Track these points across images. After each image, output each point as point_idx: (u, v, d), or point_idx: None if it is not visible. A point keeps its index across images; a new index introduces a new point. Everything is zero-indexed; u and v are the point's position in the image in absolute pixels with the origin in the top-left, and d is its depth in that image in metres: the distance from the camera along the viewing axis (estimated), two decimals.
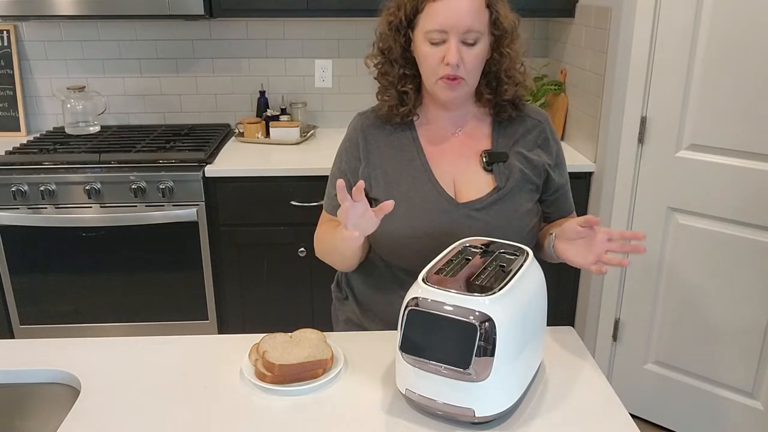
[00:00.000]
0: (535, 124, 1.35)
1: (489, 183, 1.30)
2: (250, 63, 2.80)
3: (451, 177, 1.31)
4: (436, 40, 1.20)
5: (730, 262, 2.03)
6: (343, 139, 1.41)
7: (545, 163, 1.33)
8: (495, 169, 1.30)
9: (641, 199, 2.18)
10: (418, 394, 0.99)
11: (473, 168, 1.31)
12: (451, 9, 1.18)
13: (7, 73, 2.72)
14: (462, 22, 1.18)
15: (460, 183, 1.31)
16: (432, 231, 1.27)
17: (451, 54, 1.19)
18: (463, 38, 1.20)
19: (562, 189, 1.38)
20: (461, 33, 1.19)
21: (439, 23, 1.19)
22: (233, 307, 2.49)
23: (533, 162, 1.32)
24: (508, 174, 1.30)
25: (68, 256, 2.35)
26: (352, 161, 1.35)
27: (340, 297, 1.50)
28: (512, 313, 0.95)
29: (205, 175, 2.30)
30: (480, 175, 1.31)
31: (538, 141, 1.34)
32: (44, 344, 1.22)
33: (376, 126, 1.35)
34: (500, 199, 1.28)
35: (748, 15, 1.83)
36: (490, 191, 1.29)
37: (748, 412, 2.09)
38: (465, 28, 1.19)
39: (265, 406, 1.05)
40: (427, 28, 1.21)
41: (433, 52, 1.21)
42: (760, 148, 1.90)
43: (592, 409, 1.04)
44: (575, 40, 2.49)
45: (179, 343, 1.24)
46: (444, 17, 1.18)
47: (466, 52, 1.21)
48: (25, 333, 2.44)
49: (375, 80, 1.36)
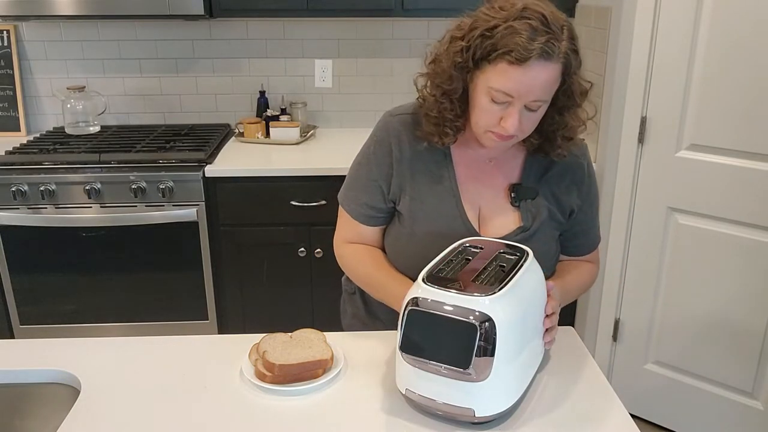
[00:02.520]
0: (573, 161, 1.27)
1: (515, 220, 1.24)
2: (250, 63, 2.80)
3: (477, 206, 1.26)
4: (500, 100, 1.09)
5: (730, 262, 2.03)
6: (370, 138, 1.30)
7: (574, 203, 1.28)
8: (522, 206, 1.24)
9: (641, 199, 2.18)
10: (418, 394, 0.99)
11: (500, 201, 1.25)
12: (527, 79, 1.05)
13: (7, 73, 2.72)
14: (532, 92, 1.07)
15: (486, 215, 1.26)
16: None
17: (510, 122, 1.09)
18: (527, 105, 1.10)
19: (583, 225, 1.32)
20: (528, 101, 1.09)
21: (508, 88, 1.07)
22: (233, 307, 2.49)
23: (561, 202, 1.26)
24: (535, 213, 1.24)
25: (68, 256, 2.35)
26: (384, 167, 1.27)
27: (349, 291, 1.48)
28: (512, 313, 0.95)
29: (205, 175, 2.30)
30: (507, 209, 1.25)
31: (573, 177, 1.27)
32: (44, 344, 1.22)
33: (409, 132, 1.25)
34: (524, 240, 1.22)
35: (748, 15, 1.83)
36: (515, 230, 1.24)
37: (748, 412, 2.09)
38: (534, 98, 1.08)
39: (265, 406, 1.05)
40: (494, 85, 1.08)
41: (493, 110, 1.11)
42: (760, 148, 1.90)
43: (592, 409, 1.04)
44: None
45: (179, 343, 1.24)
46: (516, 85, 1.06)
47: (525, 117, 1.11)
48: (25, 333, 2.44)
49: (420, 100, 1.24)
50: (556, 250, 1.32)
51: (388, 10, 2.44)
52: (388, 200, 1.28)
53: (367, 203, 1.29)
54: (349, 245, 1.34)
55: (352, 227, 1.33)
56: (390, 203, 1.28)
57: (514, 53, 1.04)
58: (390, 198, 1.28)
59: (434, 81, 1.18)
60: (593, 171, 1.33)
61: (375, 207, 1.29)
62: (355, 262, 1.33)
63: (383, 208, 1.29)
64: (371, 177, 1.28)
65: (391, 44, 2.78)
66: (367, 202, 1.29)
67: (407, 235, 1.27)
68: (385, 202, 1.28)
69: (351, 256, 1.33)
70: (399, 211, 1.28)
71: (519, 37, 1.04)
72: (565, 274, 1.31)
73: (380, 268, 1.29)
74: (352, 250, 1.33)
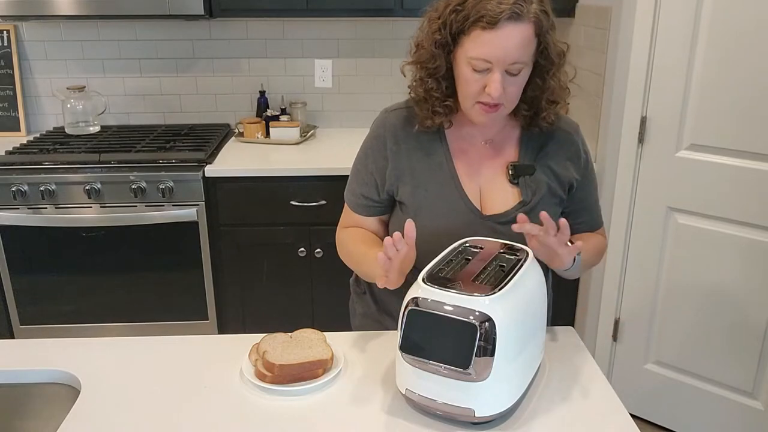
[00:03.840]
0: (566, 137, 1.32)
1: (515, 196, 1.28)
2: (250, 63, 2.80)
3: (477, 186, 1.29)
4: (480, 68, 1.15)
5: (730, 262, 2.03)
6: (368, 135, 1.36)
7: (573, 177, 1.31)
8: (521, 182, 1.28)
9: (641, 199, 2.18)
10: (418, 394, 0.99)
11: (499, 179, 1.29)
12: (500, 41, 1.11)
13: (7, 73, 2.72)
14: (509, 56, 1.12)
15: (486, 194, 1.29)
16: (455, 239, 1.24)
17: (494, 87, 1.14)
18: (508, 69, 1.14)
19: (585, 202, 1.36)
20: (507, 65, 1.13)
21: (485, 54, 1.13)
22: (233, 307, 2.49)
23: (560, 176, 1.30)
24: (535, 188, 1.27)
25: (68, 256, 2.35)
26: (379, 160, 1.32)
27: (359, 292, 1.51)
28: (512, 313, 0.95)
29: (205, 175, 2.30)
30: (506, 187, 1.29)
31: (568, 154, 1.31)
32: (44, 344, 1.22)
33: (405, 125, 1.31)
34: (526, 213, 1.23)
35: (748, 15, 1.83)
36: (516, 205, 1.27)
37: (748, 412, 2.09)
38: (512, 60, 1.13)
39: (265, 406, 1.05)
40: (472, 54, 1.14)
41: (475, 79, 1.16)
42: (760, 148, 1.90)
43: (592, 409, 1.04)
44: (575, 40, 2.49)
45: (179, 343, 1.24)
46: (491, 49, 1.12)
47: (508, 82, 1.15)
48: (25, 333, 2.44)
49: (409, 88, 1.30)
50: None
51: (388, 10, 2.44)
52: (382, 191, 1.33)
53: (362, 194, 1.35)
54: (346, 229, 1.40)
55: (350, 216, 1.40)
56: (385, 194, 1.33)
57: (485, 18, 1.10)
58: (386, 189, 1.32)
59: (419, 65, 1.25)
60: (588, 149, 1.36)
61: (369, 197, 1.35)
62: (345, 240, 1.38)
63: (377, 199, 1.34)
64: (367, 170, 1.34)
65: (391, 44, 2.78)
66: (362, 192, 1.35)
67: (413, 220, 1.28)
68: (378, 193, 1.33)
69: (342, 235, 1.40)
70: (400, 201, 1.31)
71: (488, 3, 1.11)
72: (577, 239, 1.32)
73: (365, 243, 1.33)
74: (346, 231, 1.39)
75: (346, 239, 1.38)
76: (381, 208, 1.36)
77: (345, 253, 1.38)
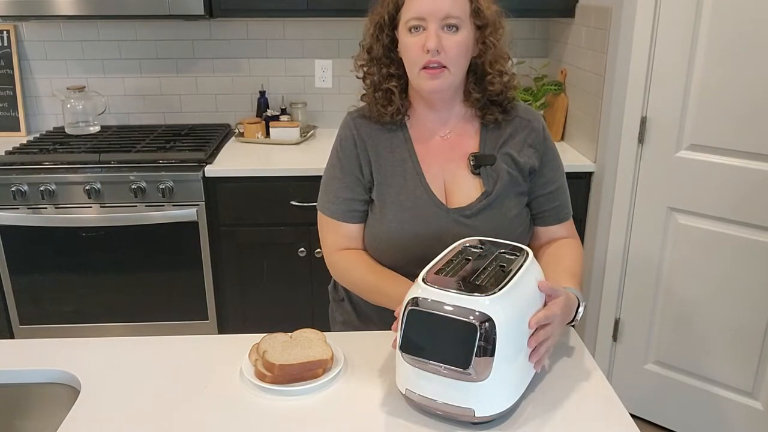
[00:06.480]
0: (525, 124, 1.32)
1: (477, 187, 1.29)
2: (250, 63, 2.80)
3: (441, 180, 1.30)
4: (415, 26, 1.20)
5: (730, 262, 2.03)
6: (335, 142, 1.37)
7: (533, 163, 1.31)
8: (483, 172, 1.29)
9: (641, 199, 2.18)
10: (418, 394, 0.99)
11: (462, 171, 1.30)
12: None
13: (7, 73, 2.72)
14: (440, 8, 1.18)
15: (450, 187, 1.30)
16: (421, 234, 1.26)
17: (430, 39, 1.18)
18: (443, 23, 1.19)
19: (548, 188, 1.34)
20: (440, 19, 1.19)
21: (417, 11, 1.19)
22: (233, 307, 2.49)
23: (520, 164, 1.30)
24: (496, 178, 1.28)
25: (68, 256, 2.35)
26: (353, 159, 1.33)
27: (337, 298, 1.50)
28: (512, 313, 0.95)
29: (205, 175, 2.30)
30: (468, 179, 1.30)
31: (527, 141, 1.31)
32: (44, 344, 1.22)
33: (369, 123, 1.33)
34: (489, 204, 1.27)
35: (748, 15, 1.83)
36: (479, 197, 1.28)
37: (748, 412, 2.09)
38: (443, 14, 1.18)
39: (265, 406, 1.05)
40: (407, 17, 1.21)
41: (414, 41, 1.21)
42: (760, 148, 1.90)
43: (592, 409, 1.04)
44: (575, 40, 2.49)
45: (179, 343, 1.24)
46: (422, 5, 1.19)
47: (446, 39, 1.19)
48: (25, 333, 2.44)
49: (360, 80, 1.35)
50: (526, 216, 1.34)
51: None
52: (367, 189, 1.32)
53: (349, 198, 1.32)
54: (339, 252, 1.35)
55: (336, 230, 1.34)
56: (368, 192, 1.32)
57: None
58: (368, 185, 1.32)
59: (364, 59, 1.31)
60: (549, 136, 1.36)
61: (357, 199, 1.32)
62: (348, 269, 1.34)
63: (366, 199, 1.33)
64: (346, 172, 1.33)
65: None
66: (349, 197, 1.32)
67: (378, 220, 1.30)
68: (365, 190, 1.32)
69: (343, 263, 1.35)
70: (371, 199, 1.32)
71: None
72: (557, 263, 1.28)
73: (373, 270, 1.31)
74: (343, 257, 1.34)
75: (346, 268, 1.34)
76: (365, 212, 1.34)
77: (350, 282, 1.36)
